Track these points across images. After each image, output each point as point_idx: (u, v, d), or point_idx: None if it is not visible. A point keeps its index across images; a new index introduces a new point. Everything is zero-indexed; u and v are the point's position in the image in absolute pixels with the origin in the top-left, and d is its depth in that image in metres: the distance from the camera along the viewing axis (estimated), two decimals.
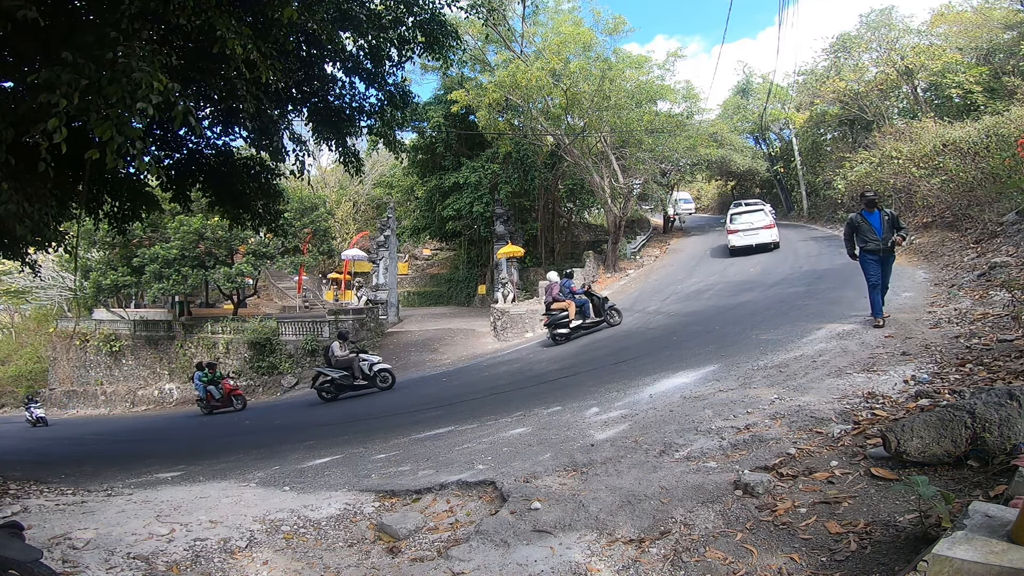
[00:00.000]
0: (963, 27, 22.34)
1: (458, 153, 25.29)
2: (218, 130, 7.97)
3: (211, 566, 3.32)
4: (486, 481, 4.13)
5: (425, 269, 36.53)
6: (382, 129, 8.66)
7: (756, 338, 7.82)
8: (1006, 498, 2.23)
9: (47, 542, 3.55)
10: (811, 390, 4.86)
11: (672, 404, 5.44)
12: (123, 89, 3.78)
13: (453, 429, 6.62)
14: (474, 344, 17.44)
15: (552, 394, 7.57)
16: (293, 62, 6.63)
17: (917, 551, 2.20)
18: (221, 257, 23.17)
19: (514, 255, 22.30)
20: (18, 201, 4.62)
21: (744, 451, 3.77)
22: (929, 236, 13.89)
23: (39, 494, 5.28)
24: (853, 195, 20.65)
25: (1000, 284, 8.01)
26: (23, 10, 3.68)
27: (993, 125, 14.02)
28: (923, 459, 2.89)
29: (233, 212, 8.46)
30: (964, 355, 5.06)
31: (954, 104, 22.08)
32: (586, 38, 20.05)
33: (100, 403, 25.06)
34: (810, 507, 2.82)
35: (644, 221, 31.97)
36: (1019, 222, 10.96)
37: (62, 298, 33.89)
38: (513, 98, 19.57)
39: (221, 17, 4.45)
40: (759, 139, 34.75)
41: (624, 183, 21.47)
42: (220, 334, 23.19)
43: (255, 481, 5.31)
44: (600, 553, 2.86)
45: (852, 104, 24.72)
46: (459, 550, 3.13)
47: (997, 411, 2.76)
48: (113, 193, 7.47)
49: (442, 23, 7.78)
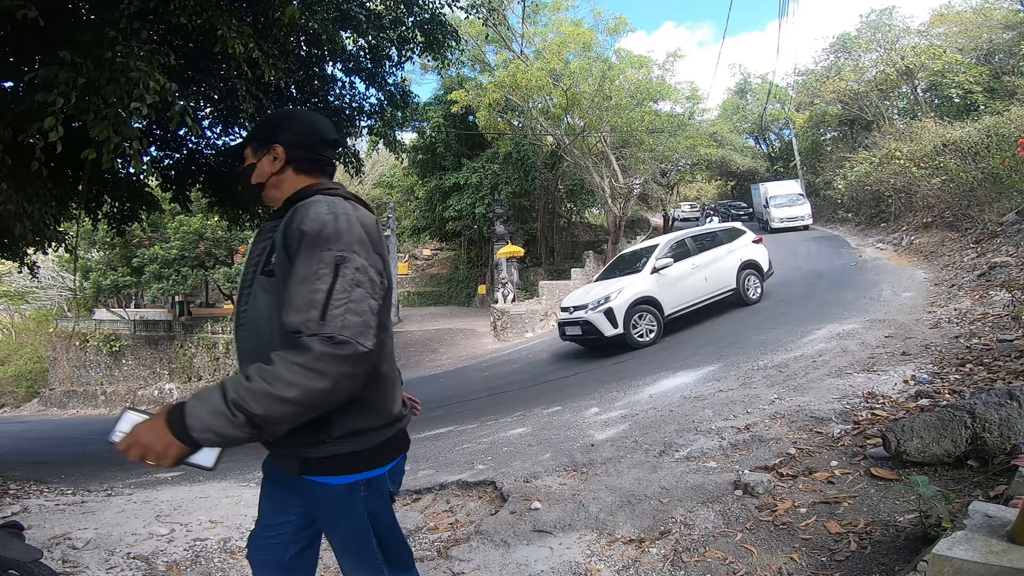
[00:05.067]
0: (963, 27, 22.38)
1: (458, 153, 25.29)
2: (218, 130, 7.98)
3: (211, 566, 3.32)
4: (486, 481, 4.13)
5: (425, 269, 36.53)
6: (382, 129, 8.67)
7: (756, 338, 7.82)
8: (1006, 498, 2.23)
9: (47, 542, 3.55)
10: (811, 390, 4.86)
11: (672, 404, 5.44)
12: (121, 89, 3.78)
13: (453, 429, 6.62)
14: (474, 344, 17.44)
15: (552, 394, 7.57)
16: (293, 62, 6.63)
17: (917, 551, 2.20)
18: (221, 257, 23.19)
19: (514, 255, 22.31)
20: (17, 201, 4.63)
21: (744, 451, 3.77)
22: (929, 236, 13.89)
23: (39, 494, 5.28)
24: (853, 195, 20.70)
25: (1000, 284, 8.01)
26: (23, 10, 3.67)
27: (993, 125, 14.02)
28: (923, 459, 2.89)
29: (232, 212, 8.46)
30: (964, 355, 5.06)
31: (954, 104, 22.11)
32: (586, 38, 20.05)
33: (100, 403, 25.04)
34: (810, 507, 2.82)
35: (644, 221, 31.98)
36: (1019, 222, 10.96)
37: (62, 298, 33.89)
38: (513, 98, 19.57)
39: (222, 17, 4.45)
40: (759, 139, 34.80)
41: (624, 183, 21.47)
42: (220, 334, 23.21)
43: (255, 481, 5.31)
44: (600, 553, 2.85)
45: (852, 104, 24.74)
46: (459, 550, 3.13)
47: (997, 411, 2.76)
48: (113, 193, 7.47)
49: (442, 23, 7.78)
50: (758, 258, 10.54)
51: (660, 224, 32.31)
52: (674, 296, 9.55)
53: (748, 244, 10.60)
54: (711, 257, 10.07)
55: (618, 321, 9.12)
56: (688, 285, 9.72)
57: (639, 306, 9.26)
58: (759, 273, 10.52)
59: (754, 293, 10.33)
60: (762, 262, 10.58)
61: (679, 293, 9.63)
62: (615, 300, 9.27)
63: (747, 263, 10.32)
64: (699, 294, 9.79)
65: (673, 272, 9.62)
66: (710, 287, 9.88)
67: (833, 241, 18.75)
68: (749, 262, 10.36)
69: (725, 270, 10.06)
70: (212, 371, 23.26)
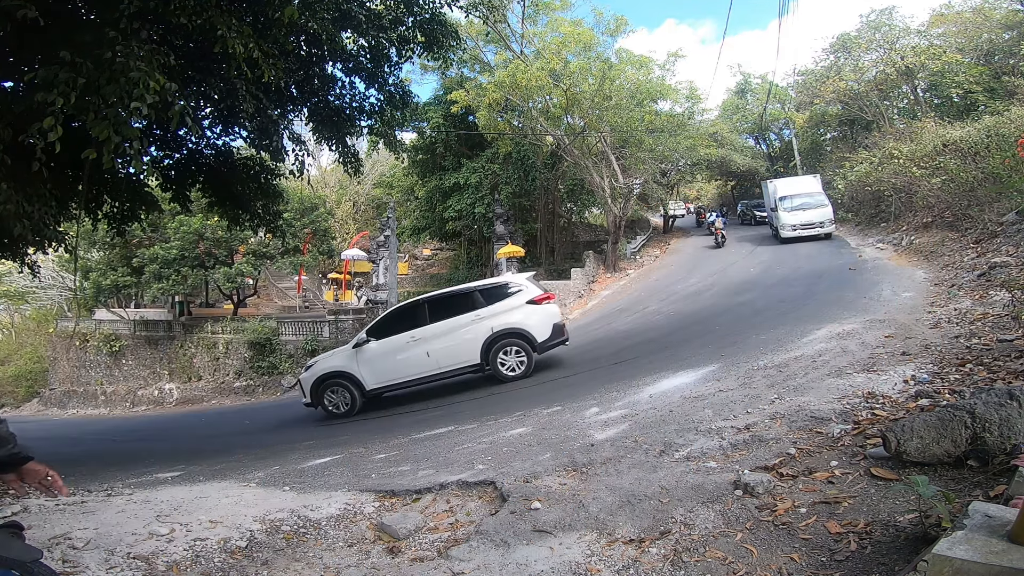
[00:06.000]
0: (963, 27, 22.39)
1: (458, 153, 25.31)
2: (218, 130, 8.00)
3: (211, 566, 3.31)
4: (486, 481, 4.13)
5: (425, 269, 36.55)
6: (382, 129, 8.67)
7: (756, 338, 7.82)
8: (1006, 498, 2.23)
9: (47, 542, 3.55)
10: (811, 390, 4.86)
11: (672, 404, 5.44)
12: (121, 89, 3.78)
13: (453, 429, 6.62)
14: None
15: (552, 394, 7.57)
16: (293, 62, 6.64)
17: (917, 551, 2.20)
18: (221, 257, 23.19)
19: (514, 255, 22.33)
20: (17, 201, 4.63)
21: (744, 451, 3.77)
22: (929, 236, 13.89)
23: (39, 494, 5.27)
24: (853, 195, 20.71)
25: (1000, 284, 8.01)
26: (23, 10, 3.68)
27: (993, 125, 14.04)
28: (923, 459, 2.89)
29: (232, 212, 8.47)
30: (964, 355, 5.06)
31: (954, 104, 22.13)
32: (586, 38, 20.07)
33: (100, 403, 25.05)
34: (810, 507, 2.82)
35: (644, 221, 31.99)
36: (1019, 222, 10.97)
37: (62, 298, 33.91)
38: (513, 98, 19.58)
39: (221, 16, 4.46)
40: (759, 139, 34.80)
41: (624, 183, 21.48)
42: (220, 334, 23.23)
43: (255, 481, 5.31)
44: (600, 553, 2.85)
45: (852, 104, 24.75)
46: (459, 550, 3.13)
47: (997, 411, 2.76)
48: (113, 193, 7.47)
49: (442, 23, 7.79)
50: (529, 325, 8.59)
51: (660, 224, 32.33)
52: (381, 372, 8.75)
53: (517, 307, 8.71)
54: (443, 329, 8.65)
55: (306, 392, 9.13)
56: (403, 360, 8.72)
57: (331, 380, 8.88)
58: (528, 343, 8.64)
59: (513, 369, 8.59)
60: (536, 329, 8.60)
61: (390, 368, 8.75)
62: (304, 373, 9.37)
63: (505, 332, 8.58)
64: (419, 370, 8.69)
65: (377, 348, 8.74)
66: (438, 362, 8.65)
67: (833, 241, 18.77)
68: (509, 331, 8.57)
69: (463, 342, 8.60)
70: (212, 371, 23.28)
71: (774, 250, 19.10)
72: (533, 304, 8.72)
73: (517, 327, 8.62)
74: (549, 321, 8.77)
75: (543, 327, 8.69)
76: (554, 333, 8.76)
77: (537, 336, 8.63)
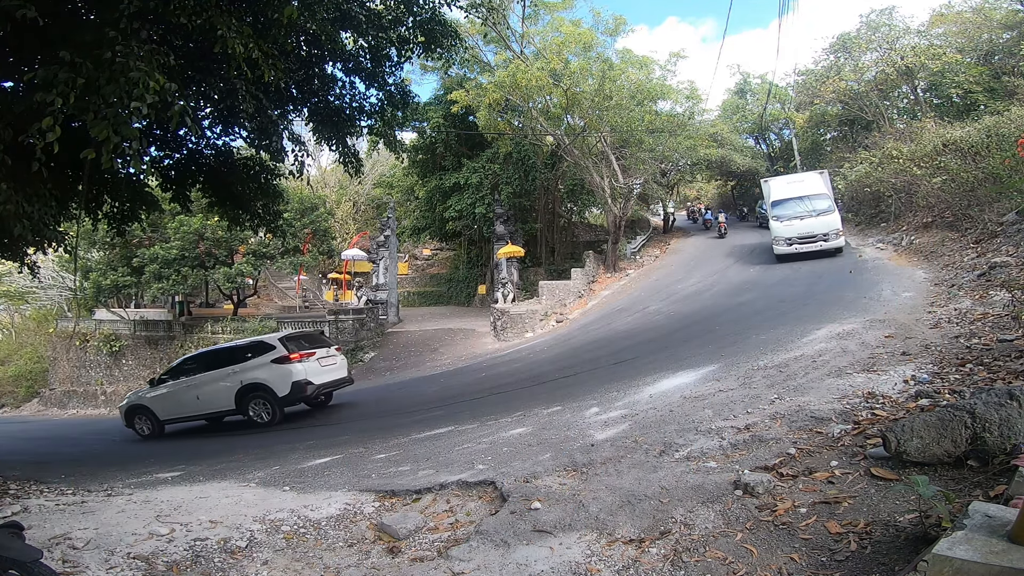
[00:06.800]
0: (963, 27, 22.38)
1: (458, 153, 25.30)
2: (218, 130, 7.99)
3: (211, 566, 3.32)
4: (486, 481, 4.13)
5: (425, 269, 36.53)
6: (382, 129, 8.67)
7: (756, 338, 7.82)
8: (1006, 498, 2.23)
9: (47, 542, 3.55)
10: (811, 390, 4.86)
11: (672, 404, 5.44)
12: (120, 89, 3.78)
13: (453, 429, 6.62)
14: (474, 344, 17.44)
15: (552, 394, 7.57)
16: (293, 62, 6.63)
17: (917, 551, 2.20)
18: (221, 257, 23.17)
19: (514, 255, 22.32)
20: (17, 201, 4.62)
21: (744, 451, 3.77)
22: (929, 236, 13.89)
23: (39, 494, 5.28)
24: (853, 195, 20.70)
25: (1000, 284, 8.01)
26: (23, 9, 3.67)
27: (993, 125, 14.03)
28: (923, 459, 2.89)
29: (233, 212, 8.47)
30: (964, 355, 5.06)
31: (954, 104, 22.11)
32: (586, 38, 20.06)
33: (100, 403, 25.04)
34: (810, 507, 2.82)
35: (644, 221, 31.97)
36: (1019, 222, 10.97)
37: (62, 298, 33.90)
38: (513, 98, 19.57)
39: (221, 17, 4.45)
40: (759, 139, 34.78)
41: (624, 183, 21.47)
42: (220, 334, 23.19)
43: (255, 481, 5.31)
44: (600, 553, 2.85)
45: (852, 104, 24.73)
46: (459, 550, 3.13)
47: (997, 411, 2.76)
48: (113, 193, 7.47)
49: (442, 23, 7.78)
50: (270, 382, 9.77)
51: (660, 224, 32.32)
52: (168, 408, 10.71)
53: (263, 365, 9.87)
54: (208, 378, 10.31)
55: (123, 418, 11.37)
56: (182, 400, 10.56)
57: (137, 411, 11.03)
58: (271, 397, 9.79)
59: (262, 418, 9.88)
60: (276, 386, 9.75)
61: (175, 405, 10.66)
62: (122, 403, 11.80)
63: (251, 386, 9.89)
64: (196, 409, 10.49)
65: (165, 390, 10.73)
66: (204, 405, 10.35)
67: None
68: (254, 385, 9.87)
69: (220, 391, 10.14)
70: None
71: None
72: (278, 363, 9.88)
73: (260, 382, 9.93)
74: (290, 379, 9.80)
75: (285, 384, 9.80)
76: (293, 390, 9.79)
77: (277, 391, 9.81)
